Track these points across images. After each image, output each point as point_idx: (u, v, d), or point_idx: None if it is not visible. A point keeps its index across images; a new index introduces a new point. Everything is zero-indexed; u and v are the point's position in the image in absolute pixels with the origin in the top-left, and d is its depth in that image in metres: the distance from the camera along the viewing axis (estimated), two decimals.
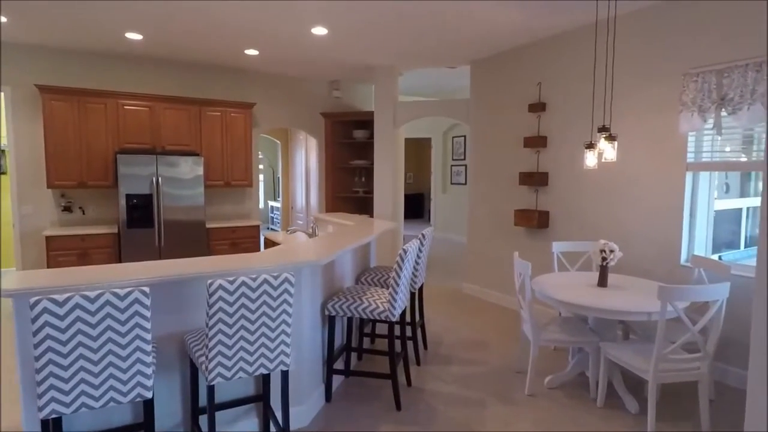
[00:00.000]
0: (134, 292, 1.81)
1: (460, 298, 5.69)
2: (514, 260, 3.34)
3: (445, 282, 6.48)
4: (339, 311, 3.03)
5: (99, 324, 1.77)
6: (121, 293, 1.79)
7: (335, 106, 7.18)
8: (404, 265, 2.92)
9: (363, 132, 6.86)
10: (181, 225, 5.43)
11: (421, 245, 3.61)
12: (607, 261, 3.21)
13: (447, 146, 10.64)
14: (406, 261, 2.93)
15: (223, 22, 4.31)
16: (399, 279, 2.91)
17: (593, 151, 3.28)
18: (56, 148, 5.07)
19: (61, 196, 5.42)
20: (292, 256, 2.69)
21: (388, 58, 5.67)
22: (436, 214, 10.97)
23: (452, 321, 4.81)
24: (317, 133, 7.13)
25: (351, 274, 3.72)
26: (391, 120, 6.06)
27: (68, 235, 4.97)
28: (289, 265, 2.50)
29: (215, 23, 4.36)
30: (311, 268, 2.88)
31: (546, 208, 4.79)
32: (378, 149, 6.14)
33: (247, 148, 6.13)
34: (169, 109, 5.60)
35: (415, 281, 3.65)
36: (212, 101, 5.84)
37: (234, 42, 5.00)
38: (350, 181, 7.24)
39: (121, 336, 1.81)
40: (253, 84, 6.47)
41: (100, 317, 1.77)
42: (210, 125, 5.86)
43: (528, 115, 4.95)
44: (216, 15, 4.13)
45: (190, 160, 5.42)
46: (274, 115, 6.69)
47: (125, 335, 1.82)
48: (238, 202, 6.48)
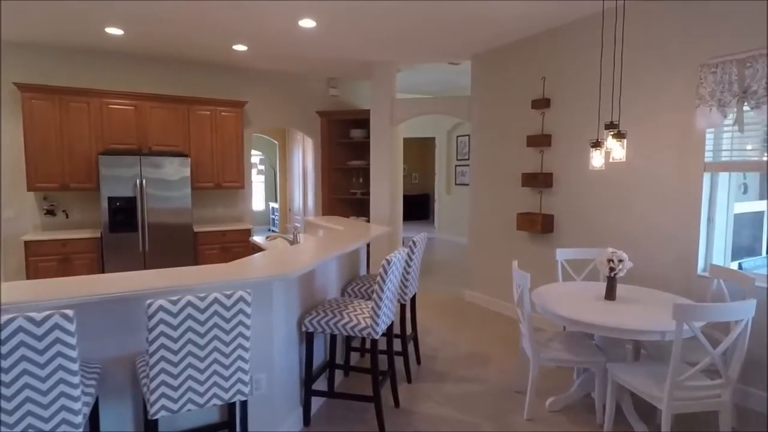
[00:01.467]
0: (54, 317, 1.55)
1: (462, 306, 5.39)
2: (513, 270, 3.04)
3: (446, 289, 6.18)
4: (317, 327, 2.75)
5: (11, 354, 1.51)
6: (38, 318, 1.53)
7: (332, 104, 6.91)
8: (388, 278, 2.63)
9: (361, 131, 6.58)
10: (167, 229, 5.19)
11: (411, 253, 3.32)
12: (615, 272, 2.89)
13: (451, 146, 10.33)
14: (390, 273, 2.65)
15: (206, 15, 4.06)
16: (382, 293, 2.63)
17: (600, 150, 2.97)
18: (37, 149, 4.87)
19: (44, 199, 5.22)
20: (256, 269, 2.41)
21: (385, 53, 5.38)
22: (440, 215, 10.66)
23: (451, 332, 4.51)
24: (313, 133, 6.87)
25: (336, 285, 3.44)
26: (388, 118, 5.77)
27: (49, 240, 4.76)
28: (250, 280, 2.23)
29: (198, 17, 4.12)
30: (284, 281, 2.61)
31: (550, 212, 4.48)
32: (375, 149, 5.86)
33: (239, 148, 5.88)
34: (156, 108, 5.38)
35: (405, 292, 3.37)
36: (201, 99, 5.60)
37: (221, 37, 4.75)
38: (348, 183, 6.97)
39: (40, 368, 1.55)
40: (245, 82, 6.23)
41: (12, 346, 1.51)
42: (199, 125, 5.63)
43: (531, 112, 4.64)
44: (198, 8, 3.88)
45: (176, 161, 5.19)
46: (267, 114, 6.44)
47: (44, 366, 1.55)
48: (231, 205, 6.24)
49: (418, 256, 3.48)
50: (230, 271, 2.32)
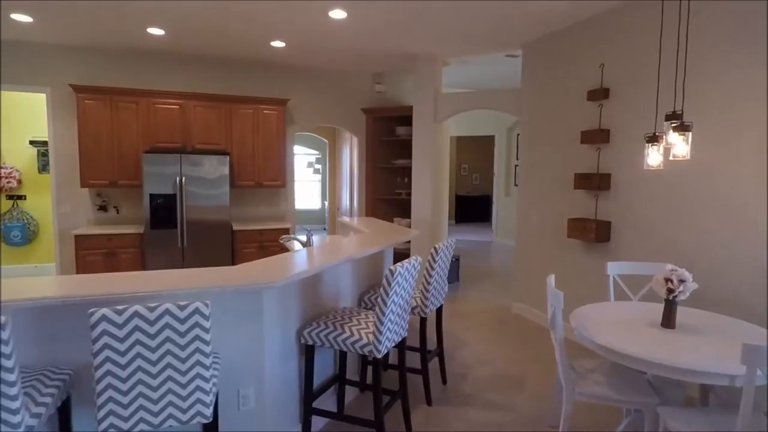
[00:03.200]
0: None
1: (507, 319, 4.92)
2: (548, 285, 2.60)
3: (494, 299, 5.71)
4: (317, 340, 2.50)
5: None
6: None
7: (378, 101, 6.67)
8: (392, 290, 2.32)
9: (407, 129, 6.28)
10: (205, 226, 5.22)
11: (432, 261, 2.98)
12: (675, 294, 2.37)
13: (511, 144, 9.72)
14: (395, 284, 2.33)
15: (239, 12, 3.98)
16: (385, 307, 2.32)
17: (657, 145, 2.45)
18: (89, 147, 5.09)
19: (97, 195, 5.46)
20: (241, 275, 2.20)
21: (428, 45, 5.04)
22: (498, 218, 10.08)
23: (489, 348, 4.09)
24: (359, 131, 6.68)
25: (351, 292, 3.18)
26: (432, 114, 5.42)
27: (96, 234, 4.95)
28: (230, 287, 2.02)
29: (232, 15, 4.05)
30: (280, 288, 2.39)
31: (607, 218, 3.91)
32: (417, 146, 5.54)
33: (281, 146, 5.82)
34: (199, 107, 5.44)
35: (426, 304, 3.03)
36: (243, 98, 5.59)
37: (257, 34, 4.68)
38: (392, 182, 6.70)
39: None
40: (287, 79, 6.16)
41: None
42: (241, 123, 5.62)
43: (587, 105, 4.09)
44: (230, 6, 3.80)
45: (215, 159, 5.20)
46: (311, 112, 6.33)
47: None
48: (272, 204, 6.20)
49: (442, 264, 3.12)
50: (208, 278, 2.13)
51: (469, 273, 7.01)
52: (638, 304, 2.88)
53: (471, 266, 7.51)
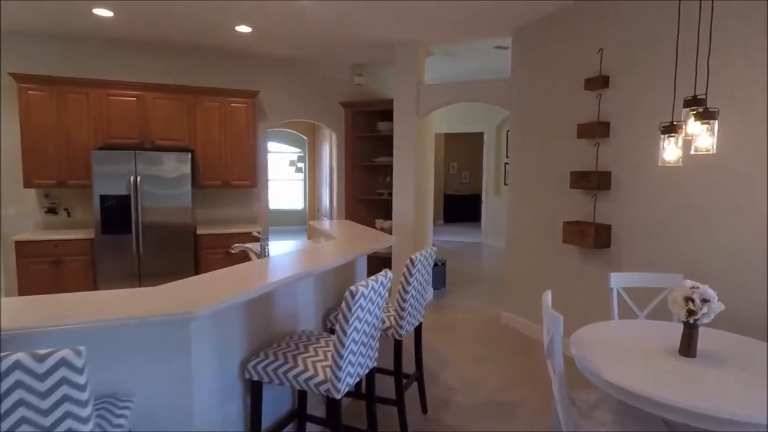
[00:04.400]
0: None
1: (496, 331, 4.50)
2: (544, 305, 2.17)
3: (481, 307, 5.29)
4: (264, 376, 2.05)
5: None
6: None
7: (358, 94, 6.22)
8: (352, 316, 1.88)
9: (388, 124, 5.83)
10: (165, 230, 4.73)
11: (408, 275, 2.54)
12: (697, 317, 1.95)
13: (501, 141, 9.33)
14: (356, 308, 1.89)
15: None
16: (344, 337, 1.88)
17: (676, 137, 2.03)
18: (34, 143, 4.57)
19: (45, 196, 4.93)
20: (151, 301, 1.74)
21: (409, 31, 4.60)
22: (487, 218, 9.68)
23: (476, 366, 3.66)
24: (337, 126, 6.22)
25: (313, 312, 2.72)
26: (414, 107, 4.98)
27: (40, 240, 4.44)
28: (134, 319, 1.56)
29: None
30: (216, 313, 1.93)
31: (607, 221, 3.50)
32: (398, 142, 5.10)
33: (251, 143, 5.34)
34: (159, 100, 4.94)
35: (401, 324, 2.59)
36: (209, 90, 5.11)
37: (218, 17, 4.20)
38: (374, 182, 6.25)
39: None
40: (257, 70, 5.67)
41: None
42: (206, 117, 5.13)
43: (584, 95, 3.68)
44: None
45: (174, 157, 4.71)
46: (285, 105, 5.86)
47: None
48: (243, 206, 5.72)
49: (420, 277, 2.69)
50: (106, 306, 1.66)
51: (457, 278, 6.60)
52: (647, 323, 2.46)
53: (459, 270, 7.09)
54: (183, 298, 1.76)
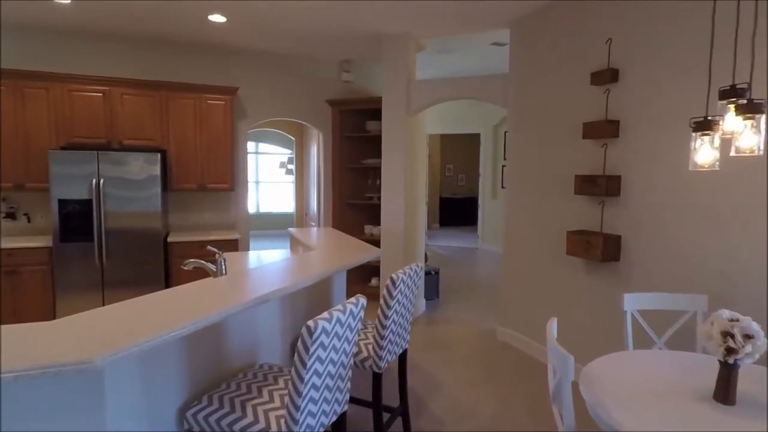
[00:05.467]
0: None
1: (492, 348, 4.12)
2: (548, 337, 1.80)
3: (476, 320, 4.91)
4: (206, 427, 1.67)
5: None
6: None
7: (345, 92, 5.84)
8: (310, 359, 1.50)
9: (378, 123, 5.46)
10: (131, 237, 4.33)
11: (388, 298, 2.16)
12: (738, 357, 1.58)
13: (498, 143, 8.97)
14: (315, 348, 1.51)
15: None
16: (301, 384, 1.50)
17: (712, 135, 1.67)
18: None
19: (3, 200, 4.53)
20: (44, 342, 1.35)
21: (398, 23, 4.23)
22: (484, 223, 9.32)
23: (469, 390, 3.29)
24: (323, 126, 5.84)
25: (278, 339, 2.34)
26: (404, 105, 4.61)
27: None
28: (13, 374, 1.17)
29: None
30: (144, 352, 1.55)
31: (616, 231, 3.13)
32: (387, 143, 4.72)
33: (229, 143, 4.95)
34: (128, 96, 4.55)
35: (381, 355, 2.21)
36: (183, 85, 4.72)
37: (190, 3, 3.81)
38: (362, 185, 5.87)
39: None
40: (236, 65, 5.28)
41: None
42: (180, 115, 4.75)
43: (590, 91, 3.31)
44: None
45: (142, 158, 4.32)
46: (267, 103, 5.47)
47: None
48: (220, 210, 5.33)
49: (404, 299, 2.31)
50: None
51: (451, 287, 6.22)
52: (669, 355, 2.09)
53: (453, 278, 6.72)
54: (89, 336, 1.38)
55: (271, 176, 11.81)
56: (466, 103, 8.96)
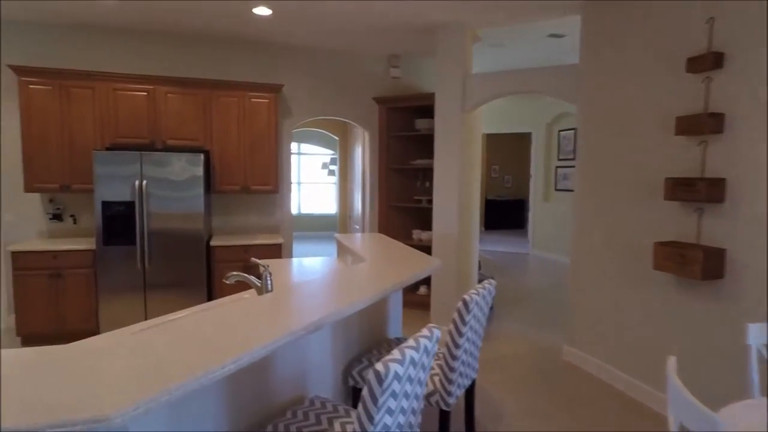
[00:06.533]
0: None
1: (558, 370, 3.70)
2: (669, 383, 1.42)
3: (537, 335, 4.48)
4: None
5: None
6: None
7: (394, 88, 5.53)
8: (378, 412, 1.18)
9: (428, 122, 5.13)
10: (173, 238, 4.18)
11: (460, 323, 1.82)
12: None
13: (551, 142, 8.43)
14: (385, 399, 1.19)
15: None
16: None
17: None
18: (36, 143, 4.13)
19: (50, 201, 4.50)
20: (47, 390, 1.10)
21: (454, 11, 3.88)
22: (535, 227, 8.79)
23: (540, 425, 2.89)
24: (370, 125, 5.55)
25: (330, 368, 2.04)
26: (459, 101, 4.25)
27: (37, 251, 3.98)
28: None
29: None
30: None
31: (719, 244, 2.66)
32: (440, 142, 4.37)
33: (272, 142, 4.74)
34: (172, 94, 4.42)
35: (450, 390, 1.87)
36: (226, 83, 4.55)
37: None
38: (411, 187, 5.55)
39: None
40: (281, 62, 5.07)
41: None
42: (223, 114, 4.58)
43: (685, 79, 2.85)
44: None
45: (184, 158, 4.16)
46: (312, 101, 5.24)
47: None
48: (267, 213, 5.14)
49: (476, 324, 1.96)
50: None
51: (505, 297, 5.80)
52: None
53: (506, 287, 6.28)
54: (108, 378, 1.12)
55: (313, 177, 11.69)
56: (515, 101, 8.48)
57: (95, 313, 4.09)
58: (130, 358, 1.24)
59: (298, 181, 11.47)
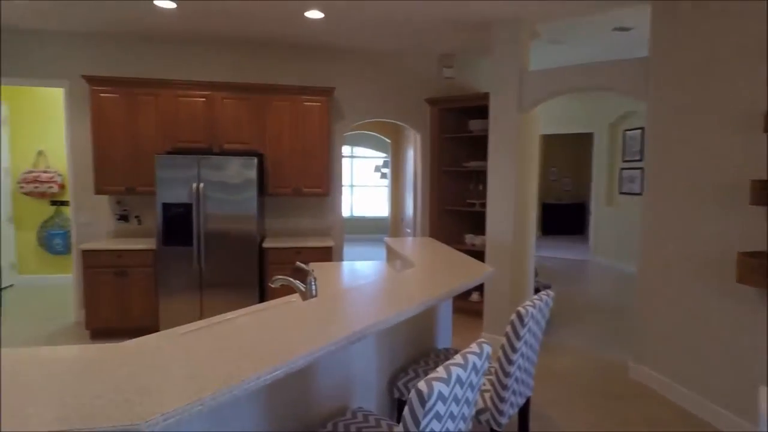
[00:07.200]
0: None
1: (624, 389, 3.41)
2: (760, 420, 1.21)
3: (598, 349, 4.18)
4: None
5: None
6: None
7: (446, 89, 5.40)
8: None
9: (482, 122, 4.96)
10: (228, 242, 4.28)
11: (514, 338, 1.69)
12: None
13: (615, 143, 7.94)
14: (428, 421, 1.09)
15: None
16: None
17: None
18: (104, 148, 4.38)
19: (117, 203, 4.76)
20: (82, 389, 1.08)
21: (511, 5, 3.71)
22: (597, 232, 8.31)
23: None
24: (421, 126, 5.45)
25: (375, 379, 1.96)
26: (515, 100, 4.05)
27: (104, 250, 4.20)
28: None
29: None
30: None
31: None
32: (494, 143, 4.19)
33: (323, 145, 4.76)
34: (228, 100, 4.54)
35: (501, 409, 1.74)
36: (280, 87, 4.61)
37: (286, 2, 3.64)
38: (463, 189, 5.38)
39: None
40: (332, 64, 5.08)
41: None
42: (276, 118, 4.65)
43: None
44: None
45: (239, 162, 4.25)
46: (363, 104, 5.21)
47: None
48: (318, 216, 5.16)
49: (531, 339, 1.81)
50: None
51: (564, 306, 5.49)
52: None
53: (565, 296, 5.95)
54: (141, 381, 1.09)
55: (366, 180, 11.74)
56: (575, 100, 8.06)
57: (156, 310, 4.26)
58: (170, 364, 1.22)
59: (351, 184, 11.56)
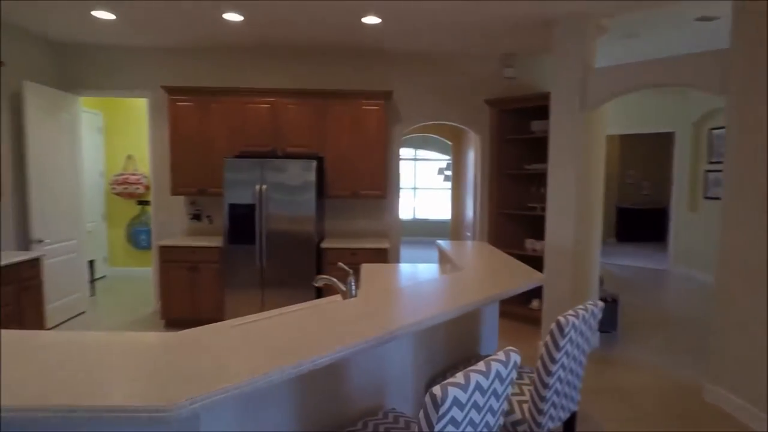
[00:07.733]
0: None
1: (697, 413, 3.12)
2: None
3: (672, 368, 3.87)
4: None
5: None
6: None
7: (507, 89, 5.25)
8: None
9: (544, 123, 4.77)
10: (288, 242, 4.47)
11: (554, 349, 1.61)
12: None
13: (700, 144, 7.29)
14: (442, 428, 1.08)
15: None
16: None
17: None
18: (180, 152, 4.75)
19: (191, 203, 5.13)
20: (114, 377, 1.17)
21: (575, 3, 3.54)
22: (678, 240, 7.67)
23: None
24: (481, 128, 5.35)
25: (411, 380, 1.96)
26: (577, 99, 3.86)
27: (178, 246, 4.56)
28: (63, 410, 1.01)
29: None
30: None
31: None
32: (554, 145, 4.02)
33: (382, 149, 4.82)
34: (291, 105, 4.75)
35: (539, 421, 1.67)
36: (338, 92, 4.74)
37: (345, 7, 3.75)
38: (524, 193, 5.21)
39: None
40: (389, 67, 5.13)
41: None
42: (335, 122, 4.78)
43: None
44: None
45: (299, 165, 4.42)
46: (421, 107, 5.21)
47: None
48: (375, 218, 5.24)
49: (574, 351, 1.73)
50: None
51: (634, 318, 5.13)
52: None
53: (636, 308, 5.56)
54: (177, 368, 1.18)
55: (430, 182, 11.71)
56: (653, 97, 7.49)
57: (222, 303, 4.54)
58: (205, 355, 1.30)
59: (414, 187, 11.58)
